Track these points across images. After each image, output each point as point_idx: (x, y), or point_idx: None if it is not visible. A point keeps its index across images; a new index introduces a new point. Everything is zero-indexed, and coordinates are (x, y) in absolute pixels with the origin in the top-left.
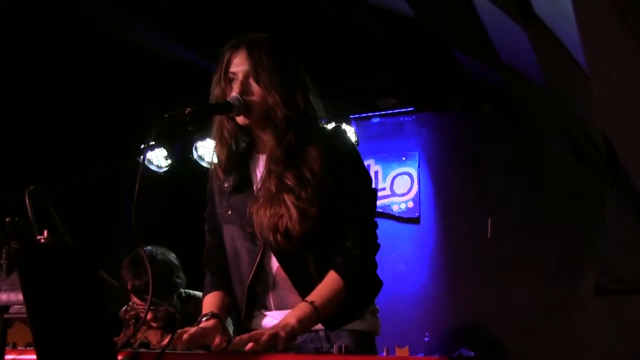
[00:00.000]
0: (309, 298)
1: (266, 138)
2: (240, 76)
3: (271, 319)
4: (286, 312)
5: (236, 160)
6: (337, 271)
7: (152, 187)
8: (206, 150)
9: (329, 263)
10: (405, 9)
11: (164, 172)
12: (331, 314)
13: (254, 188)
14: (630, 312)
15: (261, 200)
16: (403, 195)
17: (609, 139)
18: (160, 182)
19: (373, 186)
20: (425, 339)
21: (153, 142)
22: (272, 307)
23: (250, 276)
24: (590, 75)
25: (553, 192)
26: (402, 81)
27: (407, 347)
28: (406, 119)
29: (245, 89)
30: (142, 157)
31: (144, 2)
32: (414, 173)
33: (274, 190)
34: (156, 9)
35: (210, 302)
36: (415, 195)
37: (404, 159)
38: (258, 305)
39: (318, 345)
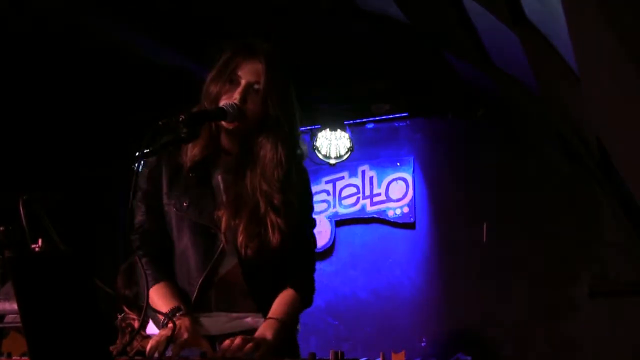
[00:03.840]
0: (276, 315)
1: (241, 147)
2: (244, 82)
3: (217, 319)
4: (229, 314)
5: (207, 156)
6: (295, 290)
7: None
8: None
9: (283, 274)
10: (398, 14)
11: None
12: (294, 326)
13: (217, 192)
14: (625, 314)
15: (237, 209)
16: (398, 200)
17: (602, 142)
18: None
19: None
20: (422, 344)
21: (147, 150)
22: (218, 308)
23: (204, 274)
24: (582, 78)
25: (547, 195)
26: (395, 87)
27: (403, 352)
28: (400, 124)
29: (245, 97)
30: (136, 164)
31: (135, 8)
32: (409, 178)
33: (262, 208)
34: (147, 15)
35: (166, 293)
36: (411, 201)
37: (398, 164)
38: (205, 304)
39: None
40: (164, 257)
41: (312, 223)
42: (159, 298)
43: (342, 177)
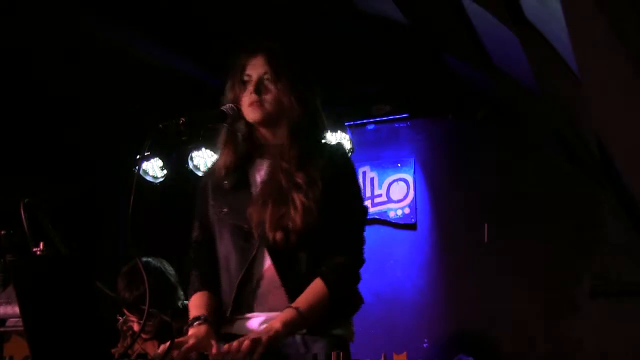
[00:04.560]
0: (295, 304)
1: (274, 138)
2: (255, 77)
3: (254, 321)
4: (269, 314)
5: (239, 161)
6: (323, 279)
7: (148, 197)
8: (201, 160)
9: (318, 267)
10: (397, 15)
11: (160, 182)
12: (314, 321)
13: (253, 190)
14: (626, 314)
15: (264, 198)
16: (399, 201)
17: (602, 141)
18: (156, 192)
19: (365, 204)
20: (424, 345)
21: (148, 153)
22: (256, 308)
23: (241, 275)
24: (582, 78)
25: (548, 195)
26: (396, 88)
27: (405, 354)
28: (401, 125)
29: (259, 88)
30: (137, 167)
31: (140, 13)
32: (410, 179)
33: (284, 186)
34: (152, 20)
35: (198, 303)
36: (412, 202)
37: (399, 165)
38: (244, 306)
39: (293, 351)
40: (212, 268)
41: (353, 210)
42: (191, 308)
43: None
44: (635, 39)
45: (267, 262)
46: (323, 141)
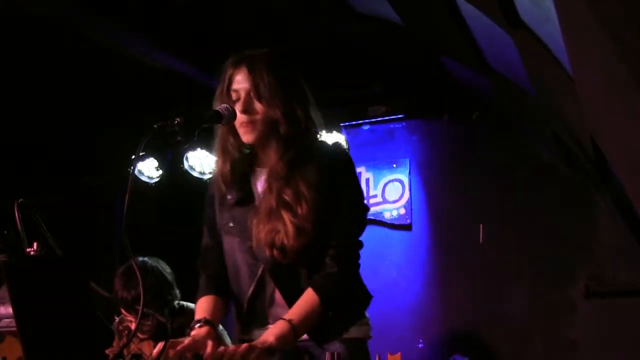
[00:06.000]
0: (287, 316)
1: (268, 153)
2: (242, 94)
3: (262, 333)
4: None
5: (238, 174)
6: (312, 288)
7: (143, 197)
8: (197, 161)
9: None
10: (394, 17)
11: (155, 182)
12: (307, 330)
13: (256, 202)
14: (622, 315)
15: (261, 214)
16: (394, 202)
17: (596, 142)
18: (151, 192)
19: (365, 202)
20: (419, 345)
21: (143, 153)
22: (270, 322)
23: (250, 291)
24: (576, 79)
25: (543, 196)
26: (391, 89)
27: (399, 354)
28: (396, 126)
29: (248, 107)
30: (132, 167)
31: (131, 12)
32: (405, 180)
33: (274, 205)
34: (144, 19)
35: (204, 307)
36: (407, 202)
37: (394, 165)
38: (257, 320)
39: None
40: (220, 273)
41: (347, 212)
42: (196, 311)
43: None
44: (629, 39)
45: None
46: (320, 139)
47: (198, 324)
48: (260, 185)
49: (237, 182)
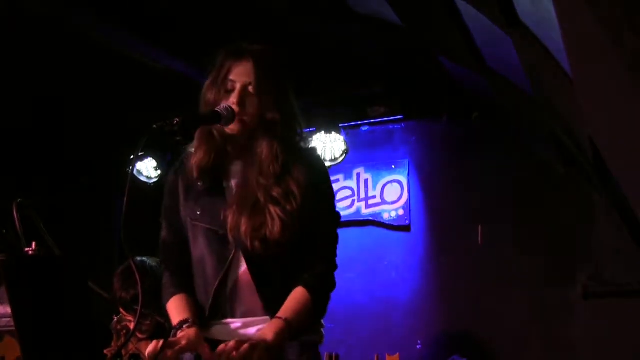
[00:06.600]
0: (283, 314)
1: (253, 147)
2: (238, 86)
3: (231, 326)
4: (244, 319)
5: (215, 164)
6: (306, 288)
7: (142, 197)
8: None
9: (293, 272)
10: (392, 17)
11: (154, 182)
12: (302, 327)
13: (228, 194)
14: (620, 315)
15: (240, 205)
16: (393, 203)
17: (595, 142)
18: (150, 192)
19: (337, 210)
20: (417, 346)
21: (142, 153)
22: (232, 314)
23: (218, 280)
24: (575, 79)
25: (542, 197)
26: (390, 89)
27: (397, 355)
28: (395, 127)
29: (242, 100)
30: (131, 167)
31: (130, 13)
32: (404, 181)
33: (261, 199)
34: (143, 19)
35: (179, 306)
36: (406, 203)
37: (393, 166)
38: (220, 310)
39: None
40: (185, 270)
41: (330, 216)
42: (172, 310)
43: (337, 180)
44: (628, 38)
45: (243, 267)
46: (301, 144)
47: (185, 324)
48: (235, 179)
49: (210, 171)
